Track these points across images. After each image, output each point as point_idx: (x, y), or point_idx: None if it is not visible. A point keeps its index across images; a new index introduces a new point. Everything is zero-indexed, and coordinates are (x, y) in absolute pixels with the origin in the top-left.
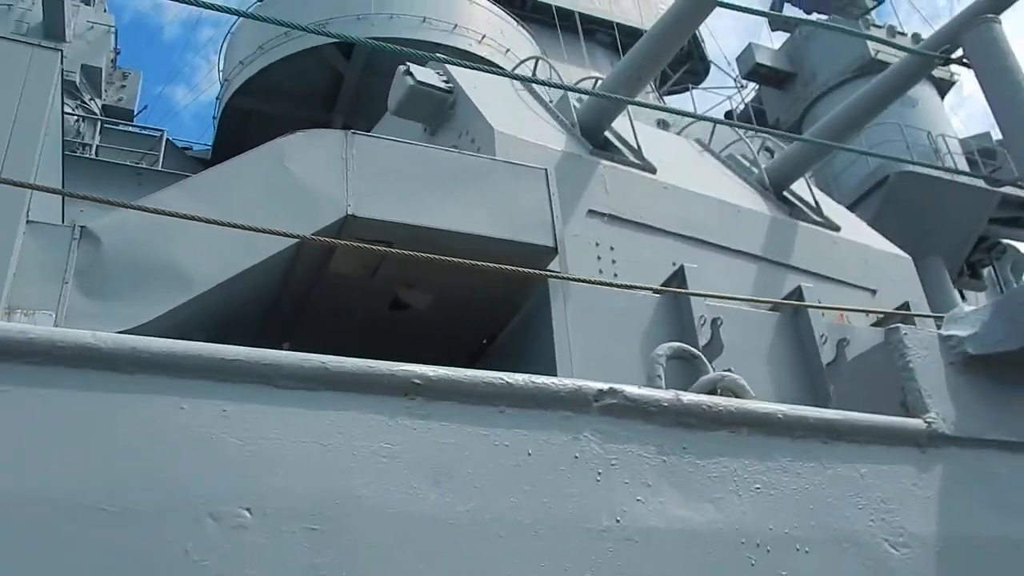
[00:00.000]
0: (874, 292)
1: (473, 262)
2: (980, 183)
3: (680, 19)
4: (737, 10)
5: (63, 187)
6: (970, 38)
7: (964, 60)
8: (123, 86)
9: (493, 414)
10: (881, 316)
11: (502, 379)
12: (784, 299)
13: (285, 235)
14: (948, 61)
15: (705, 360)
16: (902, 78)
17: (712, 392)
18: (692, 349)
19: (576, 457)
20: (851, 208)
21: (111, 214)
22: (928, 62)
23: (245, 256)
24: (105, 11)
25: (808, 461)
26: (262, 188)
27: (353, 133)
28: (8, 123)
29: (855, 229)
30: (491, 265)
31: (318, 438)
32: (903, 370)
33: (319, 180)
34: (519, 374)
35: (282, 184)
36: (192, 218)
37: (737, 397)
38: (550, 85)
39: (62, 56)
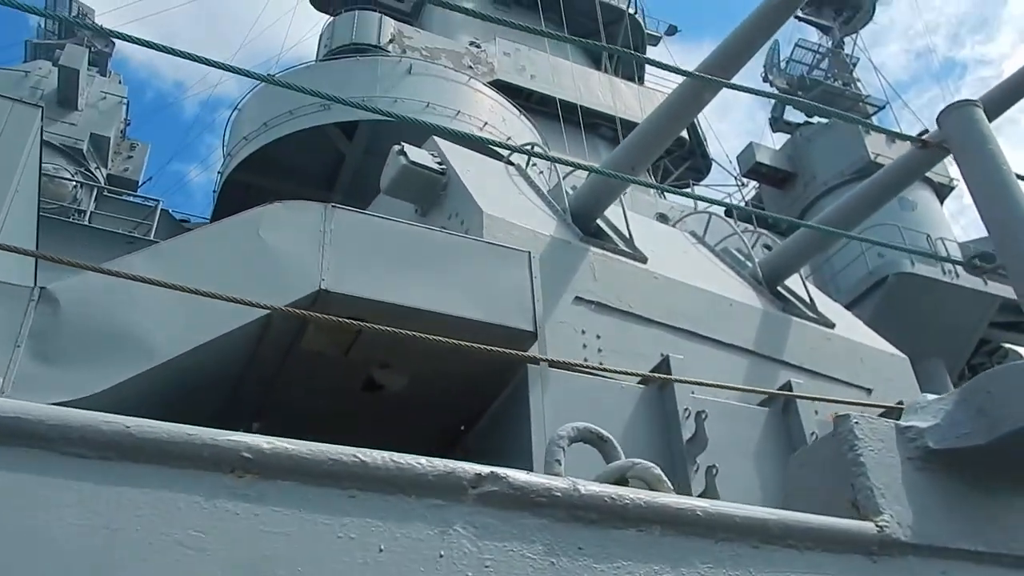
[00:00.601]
0: (870, 391)
1: (449, 339)
2: (980, 286)
3: (680, 104)
4: (741, 90)
5: (37, 247)
6: (949, 120)
7: (942, 143)
8: (130, 156)
9: (342, 499)
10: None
11: (355, 456)
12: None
13: (251, 304)
14: (925, 144)
15: (616, 444)
16: (899, 176)
17: (621, 482)
18: (600, 431)
19: (441, 556)
20: (848, 308)
21: (75, 276)
22: (924, 160)
23: (211, 327)
24: (120, 83)
25: (733, 569)
26: (234, 257)
27: (333, 206)
28: None
29: (850, 327)
30: (468, 344)
31: (106, 521)
32: (853, 464)
33: (294, 252)
34: (377, 451)
35: (255, 254)
36: (153, 282)
37: (650, 488)
38: (539, 156)
39: (42, 114)
